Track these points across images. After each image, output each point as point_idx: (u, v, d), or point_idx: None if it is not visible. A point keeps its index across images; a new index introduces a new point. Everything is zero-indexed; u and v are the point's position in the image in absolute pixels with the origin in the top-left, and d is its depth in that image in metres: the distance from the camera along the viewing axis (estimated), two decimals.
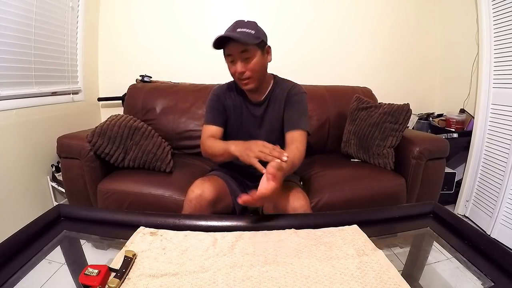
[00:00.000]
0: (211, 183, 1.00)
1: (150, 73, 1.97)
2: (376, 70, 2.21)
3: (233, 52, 0.96)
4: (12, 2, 1.34)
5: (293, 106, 1.10)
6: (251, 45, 0.96)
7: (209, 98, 1.16)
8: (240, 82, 1.04)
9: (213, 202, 0.96)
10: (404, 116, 1.40)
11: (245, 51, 0.96)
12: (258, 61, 1.00)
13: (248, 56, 0.97)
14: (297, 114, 1.08)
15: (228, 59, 1.00)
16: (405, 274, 0.76)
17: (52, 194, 1.63)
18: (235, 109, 1.14)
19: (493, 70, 1.64)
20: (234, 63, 0.99)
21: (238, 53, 0.96)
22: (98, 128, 1.27)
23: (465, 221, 0.83)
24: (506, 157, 1.53)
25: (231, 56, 0.98)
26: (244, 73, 0.99)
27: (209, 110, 1.15)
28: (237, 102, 1.14)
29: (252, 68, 0.99)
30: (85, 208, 1.07)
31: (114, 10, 2.03)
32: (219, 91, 1.16)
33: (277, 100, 1.12)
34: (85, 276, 0.54)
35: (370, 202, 1.24)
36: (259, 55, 1.00)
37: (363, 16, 2.15)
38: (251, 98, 1.13)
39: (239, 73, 0.99)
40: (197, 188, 0.96)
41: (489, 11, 1.62)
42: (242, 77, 1.00)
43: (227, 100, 1.15)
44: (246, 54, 0.97)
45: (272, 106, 1.12)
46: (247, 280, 0.57)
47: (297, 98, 1.10)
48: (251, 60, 0.98)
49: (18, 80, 1.43)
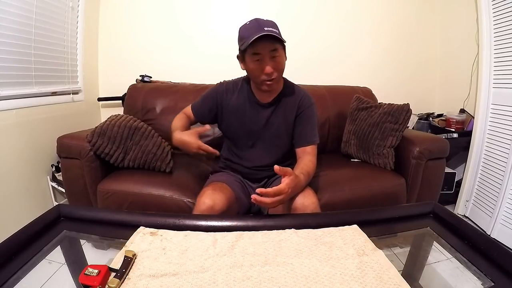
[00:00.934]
0: (222, 193, 0.97)
1: (150, 73, 1.97)
2: (376, 70, 2.21)
3: (263, 51, 0.93)
4: (12, 2, 1.34)
5: (305, 120, 1.08)
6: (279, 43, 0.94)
7: (211, 88, 1.16)
8: (264, 83, 0.99)
9: (224, 213, 0.94)
10: (404, 116, 1.40)
11: (274, 50, 0.94)
12: (284, 61, 0.99)
13: (276, 55, 0.95)
14: (309, 128, 1.08)
15: (254, 58, 0.96)
16: (405, 274, 0.76)
17: (52, 194, 1.63)
18: (237, 110, 1.11)
19: (493, 70, 1.64)
20: (261, 62, 0.95)
21: (268, 52, 0.94)
22: (98, 128, 1.27)
23: (465, 221, 0.83)
24: (506, 157, 1.53)
25: (260, 55, 0.94)
26: (272, 73, 0.96)
27: (201, 98, 1.17)
28: (240, 102, 1.11)
29: (280, 68, 0.98)
30: (85, 208, 1.07)
31: (114, 10, 2.03)
32: (221, 88, 1.13)
33: (287, 106, 1.09)
34: (85, 276, 0.54)
35: (370, 202, 1.24)
36: (284, 54, 0.99)
37: (363, 16, 2.15)
38: (260, 99, 1.09)
39: (268, 74, 0.95)
40: (208, 199, 0.93)
41: (489, 11, 1.62)
42: (270, 78, 0.97)
43: (228, 100, 1.12)
44: (274, 53, 0.95)
45: (281, 110, 1.09)
46: (247, 280, 0.57)
47: (308, 112, 1.09)
48: (278, 59, 0.96)
49: (18, 80, 1.42)
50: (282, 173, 0.82)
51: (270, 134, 1.11)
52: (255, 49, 0.93)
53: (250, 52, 0.95)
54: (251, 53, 0.95)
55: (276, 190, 0.78)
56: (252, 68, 0.98)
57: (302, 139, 1.07)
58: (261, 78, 0.98)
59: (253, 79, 1.03)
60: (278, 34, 0.91)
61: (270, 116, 1.10)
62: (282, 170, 0.81)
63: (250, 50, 0.94)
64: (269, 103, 1.09)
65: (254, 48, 0.93)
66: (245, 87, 1.11)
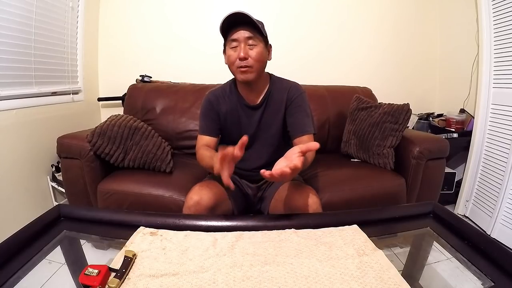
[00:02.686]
0: (209, 189, 0.96)
1: (150, 73, 1.97)
2: (376, 70, 2.21)
3: (240, 36, 0.93)
4: (12, 2, 1.34)
5: (296, 110, 1.05)
6: (258, 34, 0.94)
7: (202, 104, 1.11)
8: (238, 70, 0.97)
9: (211, 208, 0.93)
10: (404, 116, 1.40)
11: (251, 38, 0.93)
12: (262, 52, 0.96)
13: (253, 44, 0.94)
14: (301, 117, 1.04)
15: (231, 45, 0.96)
16: (405, 274, 0.75)
17: (52, 194, 1.63)
18: (232, 114, 1.08)
19: (493, 70, 1.64)
20: (238, 49, 0.94)
21: (244, 39, 0.93)
22: (98, 128, 1.27)
23: (465, 221, 0.83)
24: (506, 157, 1.53)
25: (236, 41, 0.94)
26: (246, 59, 0.94)
27: (201, 118, 1.10)
28: (233, 107, 1.08)
29: (255, 57, 0.95)
30: (85, 208, 1.07)
31: (114, 10, 2.03)
32: (212, 97, 1.10)
33: (276, 103, 1.07)
34: (85, 276, 0.54)
35: (370, 202, 1.24)
36: (263, 47, 0.97)
37: (363, 16, 2.15)
38: (248, 100, 1.07)
39: (241, 58, 0.94)
40: (195, 195, 0.93)
41: (489, 11, 1.62)
42: (242, 64, 0.95)
43: (221, 105, 1.09)
44: (252, 41, 0.94)
45: (270, 110, 1.07)
46: (247, 280, 0.57)
47: (298, 101, 1.06)
48: (255, 48, 0.95)
49: (18, 80, 1.43)
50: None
51: (265, 135, 1.10)
52: (232, 35, 0.94)
53: (229, 40, 0.96)
54: (229, 41, 0.95)
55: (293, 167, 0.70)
56: (228, 54, 0.97)
57: (296, 130, 1.03)
58: (235, 64, 0.96)
59: (230, 67, 1.00)
60: (252, 17, 0.91)
61: (261, 117, 1.08)
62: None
63: (228, 38, 0.95)
64: (258, 104, 1.07)
65: (231, 34, 0.94)
66: (233, 91, 1.09)
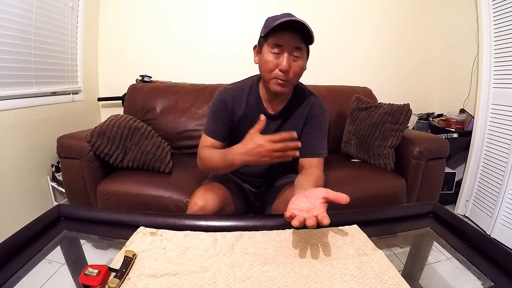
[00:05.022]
0: (214, 193, 0.92)
1: (150, 73, 1.97)
2: (376, 70, 2.21)
3: (287, 44, 0.81)
4: (12, 2, 1.34)
5: (314, 129, 0.98)
6: (305, 45, 0.84)
7: (215, 101, 0.97)
8: (274, 81, 0.85)
9: (216, 213, 0.91)
10: (404, 116, 1.40)
11: (298, 49, 0.83)
12: (303, 67, 0.87)
13: (298, 56, 0.83)
14: (318, 138, 0.97)
15: (273, 49, 0.83)
16: (405, 274, 0.75)
17: (52, 194, 1.63)
18: (247, 120, 0.96)
19: (493, 70, 1.64)
20: (280, 56, 0.82)
21: (291, 48, 0.81)
22: (98, 128, 1.27)
23: (465, 221, 0.83)
24: (506, 157, 1.53)
25: (281, 47, 0.81)
26: (288, 72, 0.83)
27: (211, 117, 0.97)
28: (250, 111, 0.97)
29: (297, 71, 0.85)
30: (85, 208, 1.07)
31: (114, 10, 2.03)
32: (228, 97, 0.96)
33: (295, 117, 0.98)
34: (85, 276, 0.54)
35: (370, 202, 1.24)
36: (305, 60, 0.87)
37: (363, 16, 2.15)
38: (268, 109, 0.96)
39: (283, 70, 0.82)
40: (200, 200, 0.89)
41: (489, 11, 1.62)
42: (282, 77, 0.84)
43: (237, 108, 0.97)
44: (297, 53, 0.83)
45: (289, 123, 0.98)
46: (247, 280, 0.57)
47: (319, 119, 0.98)
48: (299, 61, 0.84)
49: (18, 80, 1.42)
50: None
51: None
52: (277, 39, 0.81)
53: (271, 42, 0.82)
54: (272, 44, 0.82)
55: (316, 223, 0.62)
56: (267, 59, 0.84)
57: (308, 150, 0.95)
58: (273, 73, 0.84)
59: (264, 73, 0.88)
60: (308, 26, 0.78)
61: (278, 129, 0.98)
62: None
63: (271, 40, 0.82)
64: (277, 114, 0.97)
65: (277, 38, 0.81)
66: (253, 93, 0.97)
